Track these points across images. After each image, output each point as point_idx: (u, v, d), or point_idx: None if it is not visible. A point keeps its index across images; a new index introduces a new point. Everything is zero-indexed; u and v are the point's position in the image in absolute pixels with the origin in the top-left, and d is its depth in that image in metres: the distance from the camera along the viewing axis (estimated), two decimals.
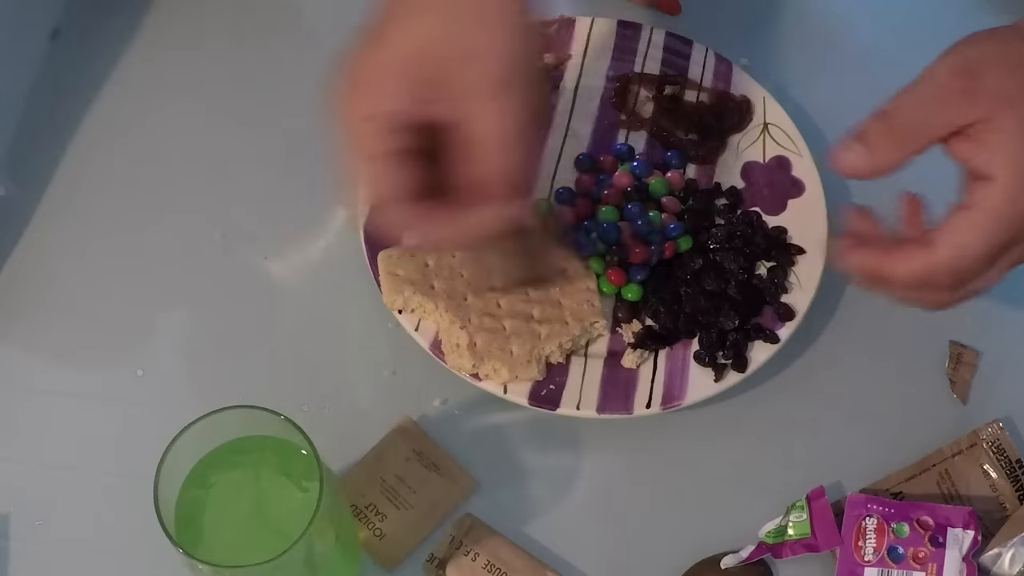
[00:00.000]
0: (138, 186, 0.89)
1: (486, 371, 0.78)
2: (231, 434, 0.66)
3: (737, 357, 0.79)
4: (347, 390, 0.81)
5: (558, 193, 0.87)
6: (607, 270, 0.83)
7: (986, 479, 0.78)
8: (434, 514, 0.76)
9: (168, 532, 0.62)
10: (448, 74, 0.63)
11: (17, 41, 0.94)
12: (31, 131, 0.90)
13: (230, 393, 0.68)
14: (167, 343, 0.83)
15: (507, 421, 0.80)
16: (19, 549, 0.76)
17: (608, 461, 0.80)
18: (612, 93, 0.91)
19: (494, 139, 0.63)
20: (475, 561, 0.74)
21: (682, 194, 0.87)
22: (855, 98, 0.95)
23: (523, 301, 0.80)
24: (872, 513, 0.75)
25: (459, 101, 0.63)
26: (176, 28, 0.95)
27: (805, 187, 0.86)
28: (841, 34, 0.98)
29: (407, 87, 0.63)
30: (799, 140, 0.88)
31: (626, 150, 0.88)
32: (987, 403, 0.82)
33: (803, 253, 0.84)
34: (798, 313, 0.81)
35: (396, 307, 0.80)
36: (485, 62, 0.62)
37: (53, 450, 0.79)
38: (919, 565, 0.73)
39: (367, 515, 0.76)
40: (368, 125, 0.63)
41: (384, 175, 0.64)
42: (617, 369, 0.80)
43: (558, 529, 0.77)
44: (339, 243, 0.85)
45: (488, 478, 0.78)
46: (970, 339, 0.84)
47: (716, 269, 0.82)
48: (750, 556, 0.75)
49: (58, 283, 0.85)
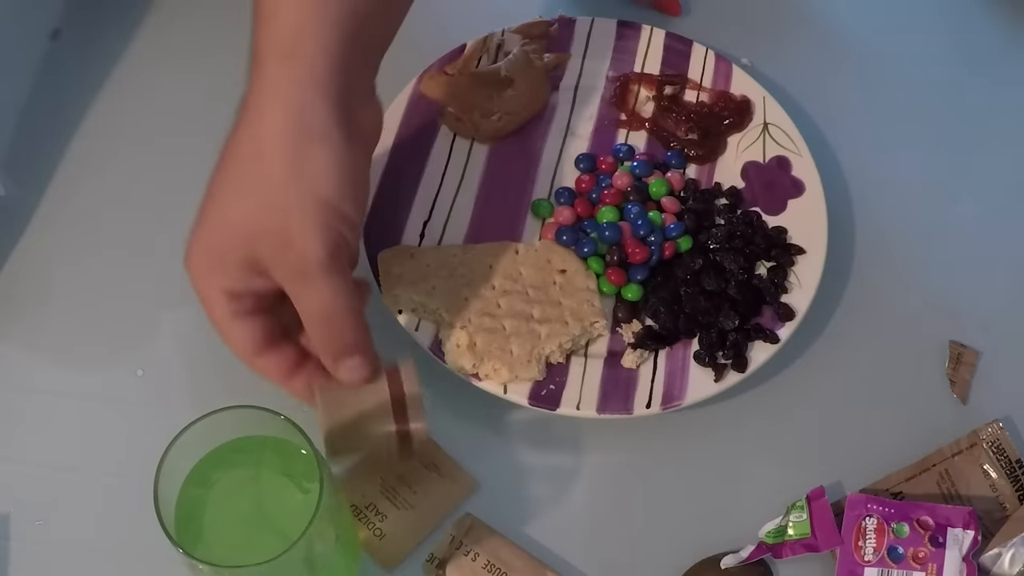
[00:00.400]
0: (138, 186, 0.89)
1: (486, 371, 0.78)
2: (231, 434, 0.66)
3: (737, 357, 0.79)
4: None
5: (558, 193, 0.87)
6: (607, 270, 0.83)
7: (986, 479, 0.78)
8: (434, 514, 0.76)
9: (168, 532, 0.62)
10: (268, 257, 0.66)
11: (17, 41, 0.94)
12: (31, 131, 0.90)
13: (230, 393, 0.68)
14: (167, 343, 0.83)
15: (507, 421, 0.80)
16: (19, 549, 0.76)
17: (608, 461, 0.80)
18: (612, 93, 0.91)
19: (315, 318, 0.67)
20: (475, 561, 0.74)
21: (682, 194, 0.87)
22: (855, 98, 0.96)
23: (523, 301, 0.80)
24: (872, 513, 0.75)
25: (282, 282, 0.67)
26: (176, 28, 0.95)
27: (805, 187, 0.86)
28: (841, 34, 0.98)
29: (235, 266, 0.67)
30: (799, 140, 0.88)
31: (626, 150, 0.88)
32: (987, 403, 0.82)
33: (803, 253, 0.84)
34: (798, 313, 0.81)
35: (396, 307, 0.80)
36: (298, 249, 0.65)
37: (53, 450, 0.79)
38: (919, 565, 0.73)
39: (367, 515, 0.76)
40: (211, 294, 0.68)
41: (231, 336, 0.68)
42: (617, 369, 0.80)
43: (558, 529, 0.77)
44: None
45: (488, 478, 0.78)
46: (970, 339, 0.84)
47: (716, 269, 0.82)
48: (750, 556, 0.75)
49: (58, 283, 0.85)
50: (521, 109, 0.89)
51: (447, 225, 0.85)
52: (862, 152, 0.92)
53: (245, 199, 0.67)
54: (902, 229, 0.89)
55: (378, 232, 0.83)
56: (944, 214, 0.90)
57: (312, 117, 0.66)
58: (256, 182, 0.66)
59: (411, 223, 0.84)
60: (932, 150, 0.93)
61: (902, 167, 0.92)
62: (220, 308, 0.68)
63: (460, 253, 0.82)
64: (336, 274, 0.66)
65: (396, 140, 0.87)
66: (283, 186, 0.66)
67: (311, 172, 0.66)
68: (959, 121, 0.94)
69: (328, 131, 0.66)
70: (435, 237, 0.84)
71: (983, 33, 0.98)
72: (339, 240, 0.67)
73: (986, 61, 0.97)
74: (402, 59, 0.89)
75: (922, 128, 0.94)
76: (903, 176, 0.92)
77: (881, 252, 0.88)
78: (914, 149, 0.93)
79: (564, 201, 0.86)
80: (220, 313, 0.68)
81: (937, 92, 0.95)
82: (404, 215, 0.84)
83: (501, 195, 0.87)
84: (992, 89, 0.95)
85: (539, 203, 0.86)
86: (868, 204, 0.90)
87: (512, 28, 0.91)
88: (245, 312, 0.68)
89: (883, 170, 0.91)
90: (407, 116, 0.88)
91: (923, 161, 0.93)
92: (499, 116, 0.88)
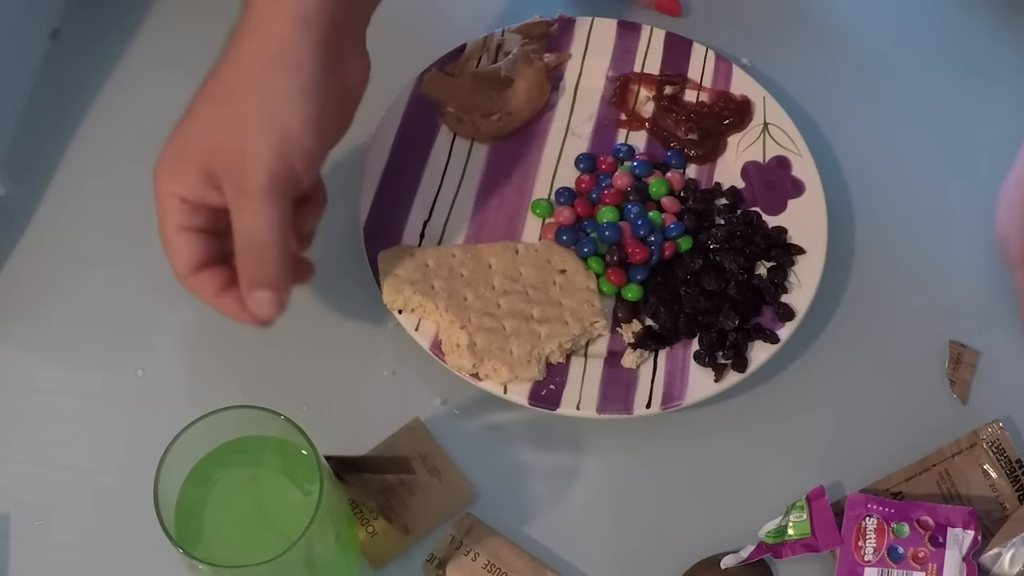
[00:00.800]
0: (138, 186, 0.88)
1: (486, 371, 0.78)
2: (231, 434, 0.66)
3: (737, 357, 0.79)
4: (347, 390, 0.81)
5: (558, 193, 0.87)
6: (607, 270, 0.83)
7: (986, 479, 0.78)
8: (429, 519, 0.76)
9: (168, 532, 0.62)
10: (221, 171, 0.68)
11: (17, 41, 0.94)
12: (31, 131, 0.90)
13: (230, 393, 0.68)
14: (167, 343, 0.83)
15: (507, 421, 0.80)
16: (19, 549, 0.76)
17: (608, 461, 0.80)
18: (612, 93, 0.91)
19: (241, 240, 0.68)
20: (475, 561, 0.74)
21: (682, 194, 0.87)
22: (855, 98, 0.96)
23: (523, 301, 0.80)
24: (872, 513, 0.75)
25: (228, 199, 0.68)
26: (176, 28, 0.95)
27: (805, 187, 0.86)
28: (841, 34, 0.98)
29: (193, 175, 0.69)
30: (799, 140, 0.88)
31: (626, 150, 0.88)
32: (987, 403, 0.82)
33: (803, 253, 0.84)
34: (798, 313, 0.81)
35: (396, 307, 0.80)
36: (250, 165, 0.67)
37: (53, 450, 0.79)
38: (919, 565, 0.73)
39: (365, 515, 0.76)
40: (167, 201, 0.69)
41: (173, 248, 0.70)
42: (617, 369, 0.80)
43: (558, 529, 0.77)
44: (339, 243, 0.85)
45: (488, 478, 0.78)
46: (970, 339, 0.84)
47: (716, 269, 0.82)
48: (750, 556, 0.75)
49: (58, 283, 0.84)
50: (521, 109, 0.89)
51: (447, 225, 0.85)
52: (862, 152, 0.92)
53: (213, 113, 0.69)
54: (902, 229, 0.89)
55: (378, 232, 0.83)
56: (944, 214, 0.90)
57: (291, 47, 0.68)
58: (226, 99, 0.69)
59: (411, 223, 0.84)
60: (932, 150, 0.93)
61: (902, 167, 0.92)
62: (171, 216, 0.69)
63: (460, 253, 0.82)
64: (272, 202, 0.67)
65: (396, 140, 0.87)
66: (247, 105, 0.68)
67: (277, 96, 0.68)
68: (959, 121, 0.94)
69: (303, 62, 0.68)
70: (435, 237, 0.84)
71: (983, 33, 0.98)
72: (287, 169, 0.68)
73: (986, 61, 0.97)
74: (402, 59, 0.89)
75: (922, 128, 0.93)
76: (903, 176, 0.92)
77: (881, 252, 0.88)
78: (914, 149, 0.93)
79: (564, 201, 0.86)
80: (170, 222, 0.69)
81: (937, 92, 0.95)
82: (404, 215, 0.84)
83: (501, 195, 0.87)
84: (992, 89, 0.95)
85: (539, 203, 0.86)
86: (868, 204, 0.90)
87: (512, 28, 0.91)
88: (193, 228, 0.69)
89: (883, 170, 0.91)
90: (407, 116, 0.88)
91: (923, 161, 0.92)
92: (499, 116, 0.88)
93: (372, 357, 0.82)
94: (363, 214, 0.83)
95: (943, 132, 0.94)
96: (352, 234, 0.84)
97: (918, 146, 0.93)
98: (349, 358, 0.82)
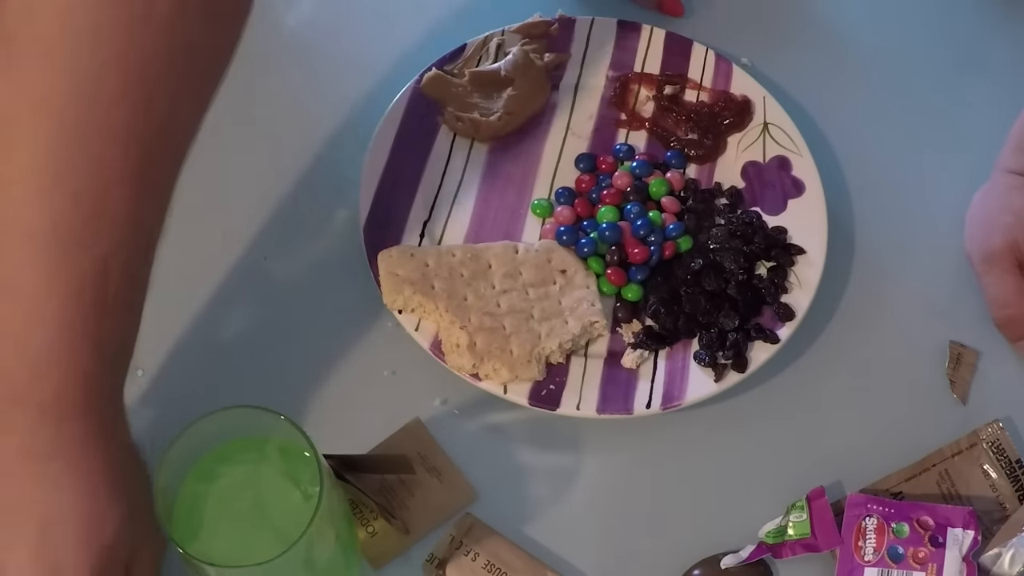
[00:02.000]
0: None
1: (486, 371, 0.78)
2: (231, 434, 0.66)
3: (737, 357, 0.79)
4: (347, 390, 0.81)
5: (558, 193, 0.87)
6: (607, 270, 0.83)
7: (986, 479, 0.78)
8: (429, 519, 0.76)
9: (168, 532, 0.62)
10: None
11: None
12: None
13: (230, 393, 0.68)
14: (167, 343, 0.83)
15: (507, 421, 0.80)
16: None
17: (608, 461, 0.80)
18: (612, 93, 0.91)
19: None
20: (475, 561, 0.74)
21: (682, 194, 0.87)
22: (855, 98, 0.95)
23: (523, 301, 0.80)
24: (872, 513, 0.75)
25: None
26: None
27: (805, 187, 0.86)
28: (842, 34, 0.98)
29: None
30: (799, 140, 0.88)
31: (626, 150, 0.88)
32: (987, 403, 0.82)
33: (803, 253, 0.84)
34: (798, 313, 0.81)
35: (396, 307, 0.80)
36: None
37: None
38: (919, 565, 0.73)
39: (365, 515, 0.76)
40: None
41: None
42: (617, 369, 0.80)
43: (558, 529, 0.77)
44: (339, 243, 0.85)
45: (488, 478, 0.78)
46: (970, 339, 0.84)
47: (716, 269, 0.82)
48: (750, 556, 0.75)
49: None
50: (521, 109, 0.88)
51: (447, 225, 0.85)
52: (862, 152, 0.92)
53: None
54: (902, 229, 0.89)
55: (378, 232, 0.83)
56: (944, 214, 0.90)
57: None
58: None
59: (411, 223, 0.84)
60: (932, 150, 0.93)
61: (902, 167, 0.92)
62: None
63: (460, 253, 0.82)
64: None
65: (396, 140, 0.86)
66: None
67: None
68: (960, 121, 0.94)
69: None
70: (435, 237, 0.84)
71: (983, 33, 0.98)
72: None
73: (986, 61, 0.97)
74: (402, 59, 0.89)
75: (922, 128, 0.93)
76: (903, 176, 0.92)
77: (881, 252, 0.88)
78: (914, 149, 0.93)
79: (564, 201, 0.86)
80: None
81: (937, 92, 0.95)
82: (404, 215, 0.84)
83: (501, 195, 0.87)
84: (992, 89, 0.95)
85: (539, 203, 0.86)
86: (868, 204, 0.90)
87: (512, 28, 0.91)
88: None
89: (883, 170, 0.91)
90: (407, 116, 0.87)
91: (923, 161, 0.92)
92: (499, 116, 0.88)
93: (372, 357, 0.82)
94: (363, 214, 0.83)
95: (943, 132, 0.94)
96: (352, 234, 0.84)
97: (918, 146, 0.93)
98: (349, 358, 0.82)
